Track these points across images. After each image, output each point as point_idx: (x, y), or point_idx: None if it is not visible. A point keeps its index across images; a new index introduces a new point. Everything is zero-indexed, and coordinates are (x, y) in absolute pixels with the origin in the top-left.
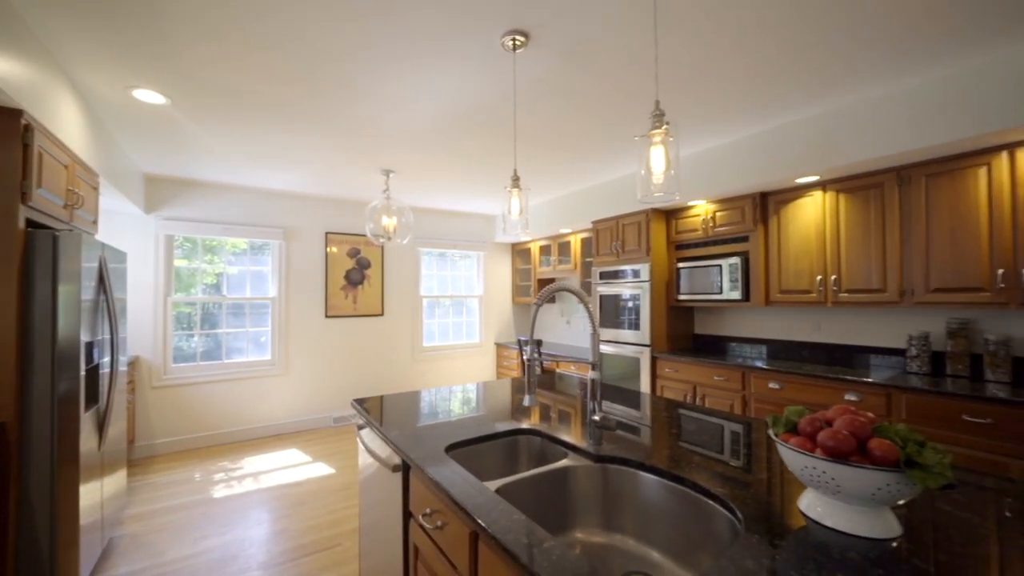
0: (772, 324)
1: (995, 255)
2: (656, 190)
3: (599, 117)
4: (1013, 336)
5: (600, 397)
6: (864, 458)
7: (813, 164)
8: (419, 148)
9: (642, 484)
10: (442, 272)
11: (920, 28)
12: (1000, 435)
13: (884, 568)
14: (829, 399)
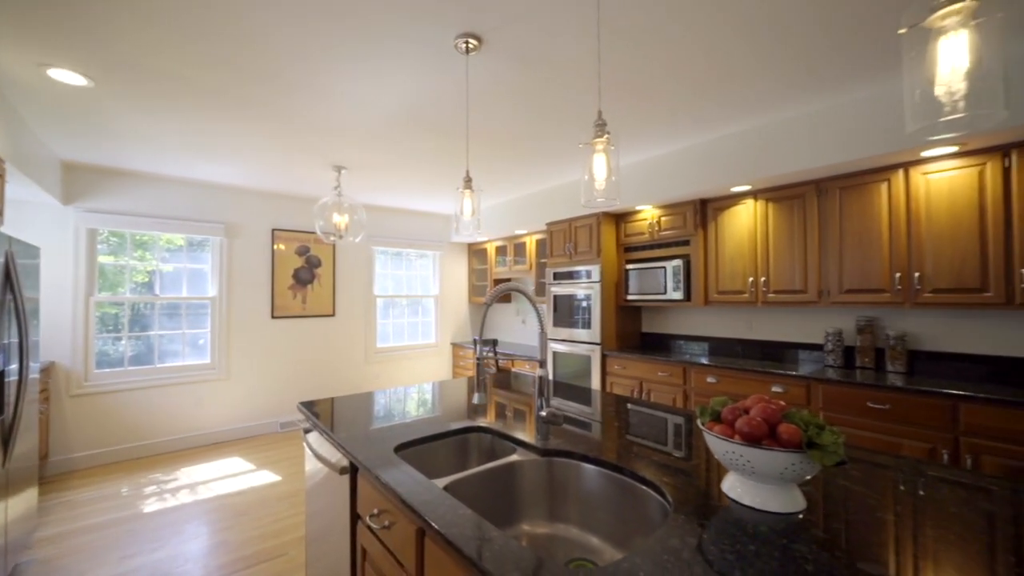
0: (711, 322)
1: (893, 260)
2: (598, 195)
3: (551, 122)
4: (908, 331)
5: (548, 394)
6: (774, 441)
7: (745, 174)
8: (372, 145)
9: (584, 475)
10: (397, 271)
11: (831, 57)
12: (896, 419)
13: (788, 537)
14: (758, 391)
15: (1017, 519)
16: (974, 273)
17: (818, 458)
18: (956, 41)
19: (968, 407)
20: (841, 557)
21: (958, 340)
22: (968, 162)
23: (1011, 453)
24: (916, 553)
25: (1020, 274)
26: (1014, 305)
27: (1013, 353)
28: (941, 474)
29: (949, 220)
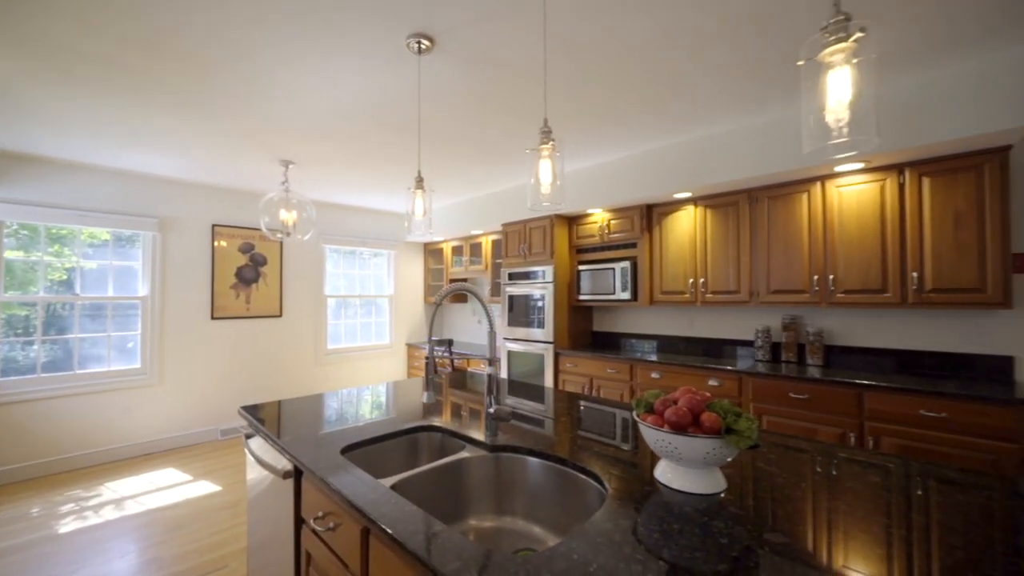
0: (657, 321)
1: (812, 264)
2: (544, 199)
3: (504, 126)
4: (824, 328)
5: (497, 391)
6: (698, 429)
7: (686, 182)
8: (322, 141)
9: (530, 468)
10: (350, 271)
11: (753, 81)
12: (813, 407)
13: (708, 515)
14: (697, 385)
15: (903, 489)
16: (877, 276)
17: (734, 442)
18: (841, 75)
19: (871, 395)
20: (752, 530)
21: (865, 335)
22: (872, 178)
23: (904, 434)
24: (815, 522)
25: (911, 277)
26: (907, 304)
27: (908, 346)
28: (843, 454)
29: (857, 228)
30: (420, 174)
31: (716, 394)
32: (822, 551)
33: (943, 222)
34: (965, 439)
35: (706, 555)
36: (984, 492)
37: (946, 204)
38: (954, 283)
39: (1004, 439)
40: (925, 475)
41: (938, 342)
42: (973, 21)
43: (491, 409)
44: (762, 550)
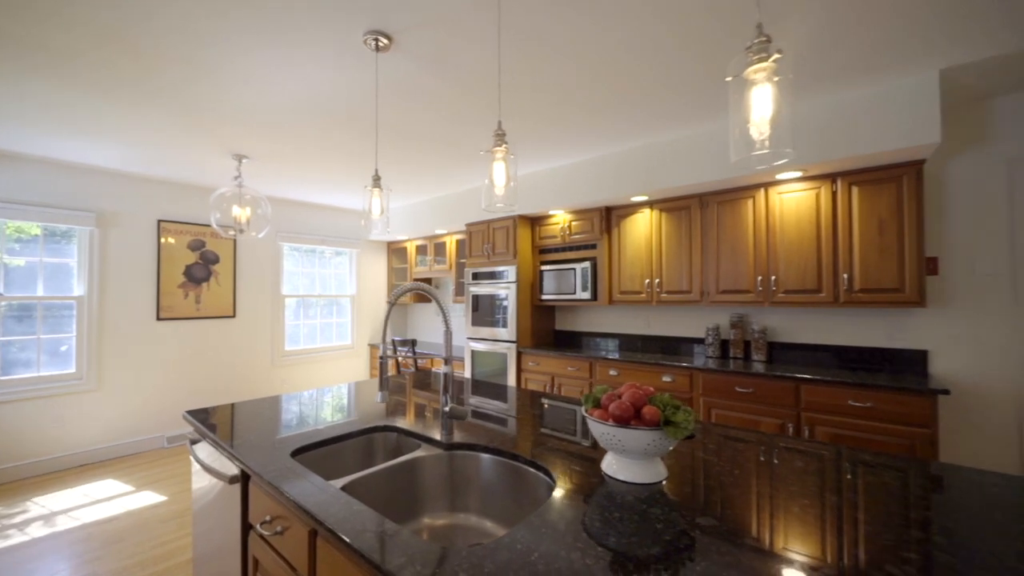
0: (617, 320)
1: (756, 266)
2: (498, 200)
3: (466, 126)
4: (768, 326)
5: (453, 390)
6: (640, 422)
7: (642, 186)
8: (278, 135)
9: (484, 465)
10: (310, 269)
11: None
12: (757, 400)
13: (647, 503)
14: (651, 381)
15: (821, 472)
16: (813, 277)
17: (672, 433)
18: (763, 92)
19: (806, 388)
20: (686, 515)
21: (804, 332)
22: (809, 186)
23: (836, 423)
24: (744, 505)
25: (842, 278)
26: (839, 303)
27: (842, 342)
28: (775, 443)
29: (796, 233)
30: (377, 173)
31: (669, 389)
32: (748, 531)
33: (869, 228)
34: (887, 426)
35: (641, 540)
36: (895, 473)
37: (872, 211)
38: (878, 284)
39: (918, 425)
40: (842, 459)
41: (867, 338)
42: (890, 49)
43: (446, 408)
44: (694, 532)
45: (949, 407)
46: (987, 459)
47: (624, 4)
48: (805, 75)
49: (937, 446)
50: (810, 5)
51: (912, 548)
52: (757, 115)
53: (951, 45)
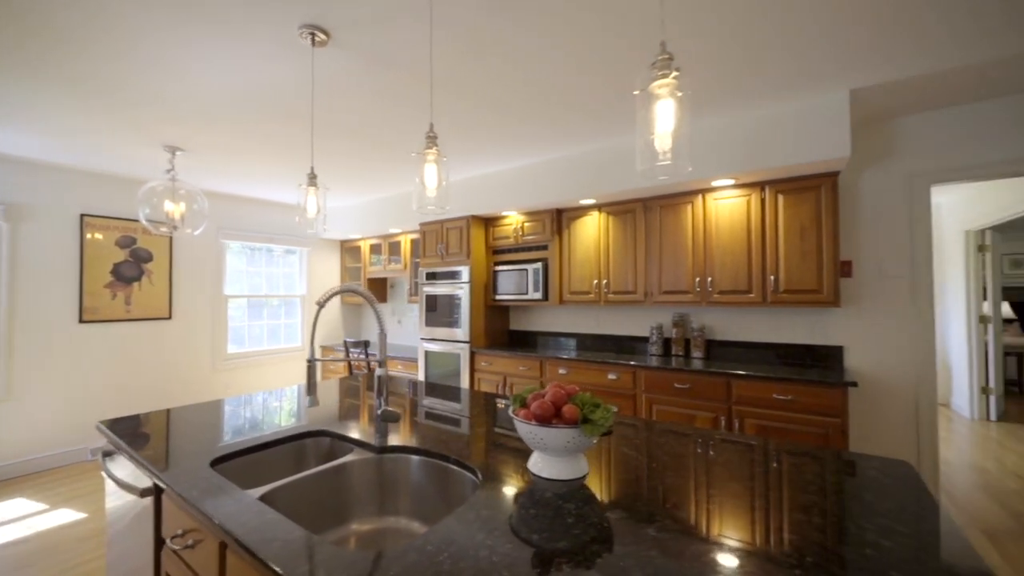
0: (568, 320)
1: (695, 268)
2: (429, 202)
3: (410, 126)
4: (706, 325)
5: (387, 393)
6: (561, 420)
7: (590, 189)
8: (215, 128)
9: (414, 467)
10: (257, 268)
11: None
12: (693, 395)
13: (564, 499)
14: (598, 379)
15: (728, 463)
16: (744, 278)
17: (589, 431)
18: (666, 106)
19: (737, 383)
20: (598, 508)
21: (738, 330)
22: (741, 193)
23: (762, 415)
24: (653, 496)
25: (770, 280)
26: (767, 303)
27: (771, 339)
28: (693, 437)
29: (730, 237)
30: (313, 171)
31: (614, 387)
32: (656, 520)
33: (792, 233)
34: (805, 417)
35: (551, 535)
36: (795, 459)
37: (795, 218)
38: (800, 285)
39: (831, 415)
40: (754, 451)
41: (793, 335)
42: (804, 71)
43: (379, 411)
44: (603, 525)
45: (859, 398)
46: (891, 443)
47: (552, 12)
48: (728, 92)
49: (847, 434)
50: (712, 27)
51: (794, 529)
52: (660, 128)
53: (859, 69)
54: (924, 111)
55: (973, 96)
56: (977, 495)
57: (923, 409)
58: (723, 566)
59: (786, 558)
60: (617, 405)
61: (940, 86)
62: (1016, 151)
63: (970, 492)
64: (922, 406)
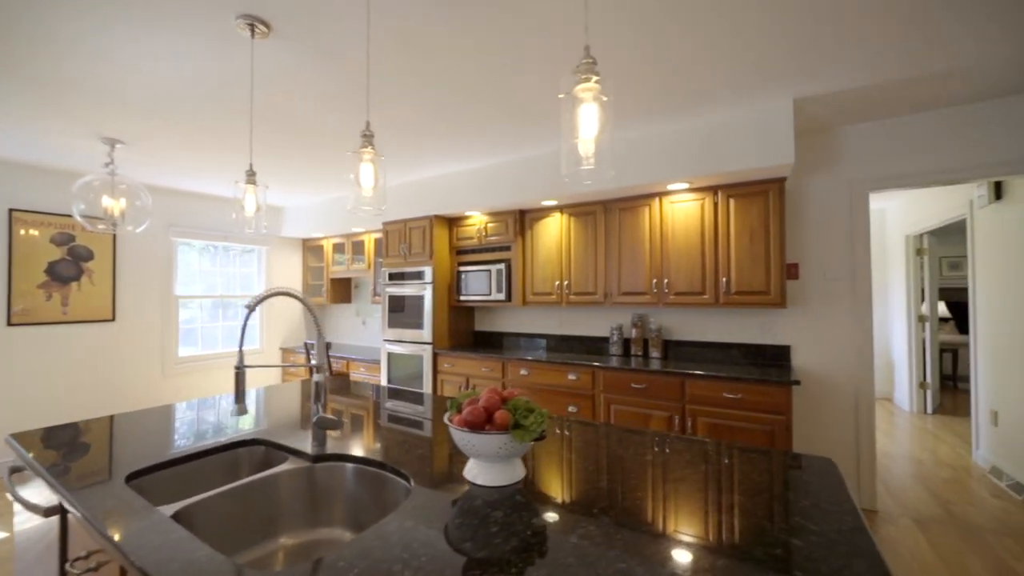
0: (532, 320)
1: (652, 269)
2: (364, 203)
3: (354, 123)
4: (664, 325)
5: (326, 399)
6: (493, 426)
7: (551, 191)
8: (157, 120)
9: (348, 476)
10: (212, 268)
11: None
12: (650, 395)
13: (493, 507)
14: (559, 379)
15: (665, 464)
16: (698, 280)
17: (520, 436)
18: (590, 110)
19: (690, 382)
20: (526, 516)
21: (694, 331)
22: (695, 196)
23: (713, 414)
24: (580, 501)
25: (722, 282)
26: (720, 304)
27: (725, 339)
28: (637, 437)
29: (684, 239)
30: (252, 168)
31: (574, 387)
32: (578, 527)
33: (743, 236)
34: (753, 415)
35: (473, 544)
36: (732, 458)
37: (745, 222)
38: (750, 287)
39: (776, 413)
40: (692, 450)
41: (746, 335)
42: (749, 79)
43: (315, 418)
44: (526, 533)
45: (805, 395)
46: (833, 437)
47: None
48: (678, 98)
49: (791, 430)
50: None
51: (714, 532)
52: (584, 132)
53: (801, 80)
54: (865, 121)
55: (910, 108)
56: (911, 484)
57: (862, 405)
58: (636, 572)
59: (698, 562)
60: (577, 405)
61: (879, 98)
62: (949, 160)
63: (905, 481)
64: (861, 402)
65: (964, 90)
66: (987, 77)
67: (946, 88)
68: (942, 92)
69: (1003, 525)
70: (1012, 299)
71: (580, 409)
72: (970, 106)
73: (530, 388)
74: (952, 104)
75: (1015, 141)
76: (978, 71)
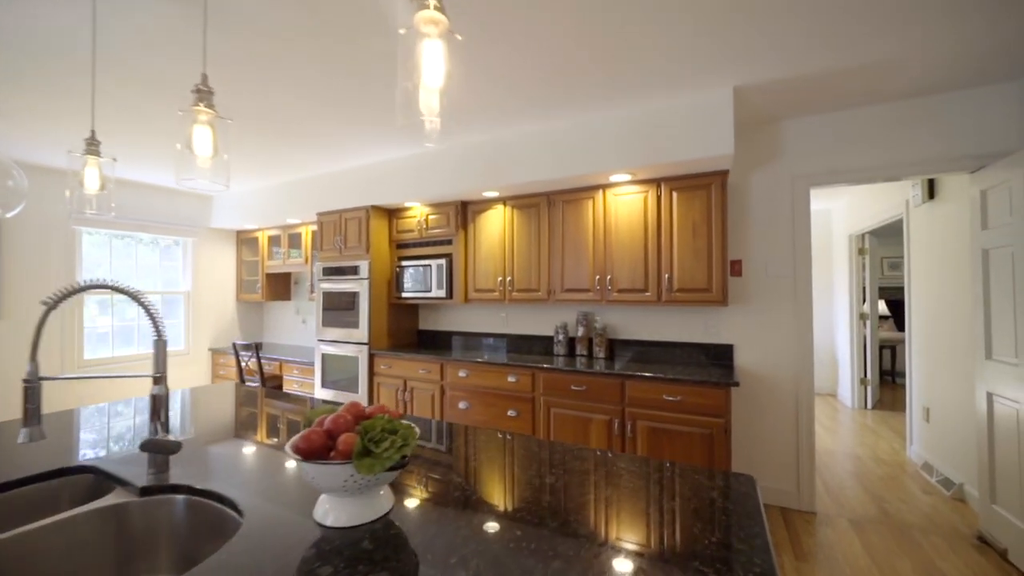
0: (477, 319)
1: (595, 265)
2: (200, 174)
3: (310, 103)
4: (609, 324)
5: (166, 416)
6: (338, 454)
7: (492, 181)
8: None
9: (178, 510)
10: (129, 261)
11: (546, 83)
12: (590, 398)
13: (330, 557)
14: (498, 382)
15: (566, 489)
16: (641, 277)
17: (365, 468)
18: (434, 48)
19: (630, 384)
20: (367, 567)
21: (639, 329)
22: (639, 189)
23: (653, 417)
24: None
25: (664, 278)
26: (662, 302)
27: (670, 338)
28: (535, 455)
29: (628, 234)
30: (94, 135)
31: (514, 389)
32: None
33: (685, 231)
34: (693, 418)
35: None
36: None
37: (688, 216)
38: (692, 284)
39: (715, 415)
40: (605, 465)
41: (690, 334)
42: (689, 60)
43: (145, 440)
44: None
45: (746, 394)
46: (774, 436)
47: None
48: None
49: (729, 434)
50: None
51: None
52: (428, 77)
53: (740, 66)
54: (807, 115)
55: (851, 102)
56: (849, 482)
57: (802, 404)
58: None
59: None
60: (517, 410)
61: (819, 89)
62: (890, 155)
63: (844, 480)
64: (801, 401)
65: (904, 85)
66: (927, 72)
67: (885, 82)
68: (882, 86)
69: (931, 523)
70: (941, 297)
71: (520, 414)
72: (908, 102)
73: (470, 391)
74: (892, 99)
75: (950, 138)
76: (918, 64)
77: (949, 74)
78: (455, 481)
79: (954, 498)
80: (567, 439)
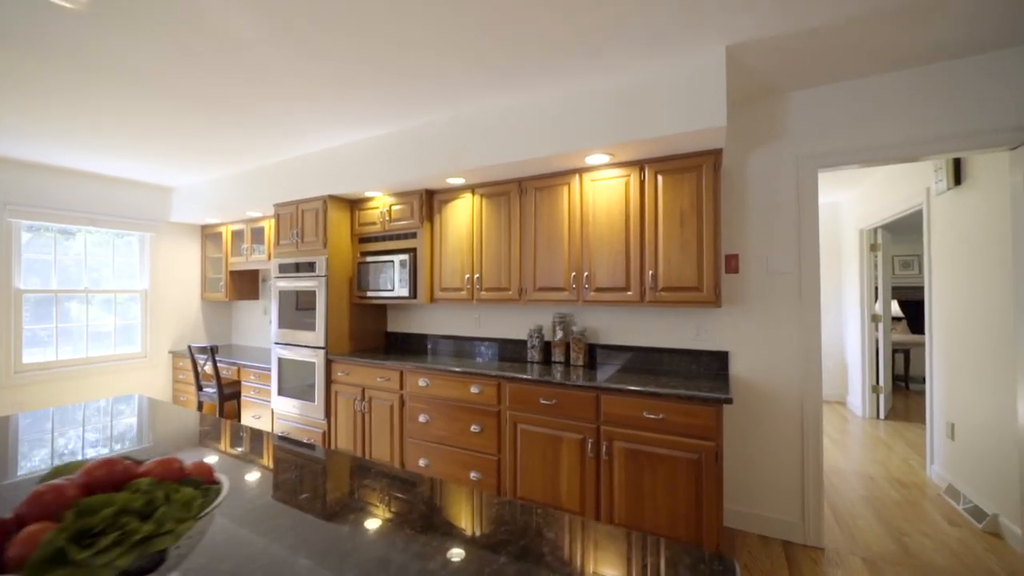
0: (448, 321)
1: (571, 261)
2: None
3: (263, 85)
4: (588, 327)
5: None
6: (11, 560)
7: (455, 163)
8: None
9: None
10: (76, 257)
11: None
12: (560, 413)
13: None
14: (461, 393)
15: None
16: (622, 273)
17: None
18: None
19: (606, 398)
20: None
21: (621, 333)
22: (620, 173)
23: (631, 438)
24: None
25: (648, 275)
26: (645, 302)
27: (655, 343)
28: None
29: (608, 224)
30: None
31: (477, 401)
32: None
33: (672, 220)
34: (678, 439)
35: None
36: None
37: (675, 202)
38: (679, 282)
39: (705, 438)
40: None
41: (680, 339)
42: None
43: None
44: None
45: (744, 408)
46: (775, 455)
47: None
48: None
49: (721, 461)
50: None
51: None
52: None
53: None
54: (813, 85)
55: (865, 67)
56: (862, 510)
57: (809, 420)
58: None
59: None
60: (481, 425)
61: (827, 49)
62: (914, 130)
63: (855, 506)
64: (808, 417)
65: (928, 45)
66: (955, 28)
67: (906, 41)
68: (902, 46)
69: (962, 563)
70: (970, 297)
71: (484, 429)
72: (933, 67)
73: (430, 403)
74: (914, 64)
75: (985, 109)
76: (945, 13)
77: (983, 29)
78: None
79: (987, 531)
80: (535, 461)
